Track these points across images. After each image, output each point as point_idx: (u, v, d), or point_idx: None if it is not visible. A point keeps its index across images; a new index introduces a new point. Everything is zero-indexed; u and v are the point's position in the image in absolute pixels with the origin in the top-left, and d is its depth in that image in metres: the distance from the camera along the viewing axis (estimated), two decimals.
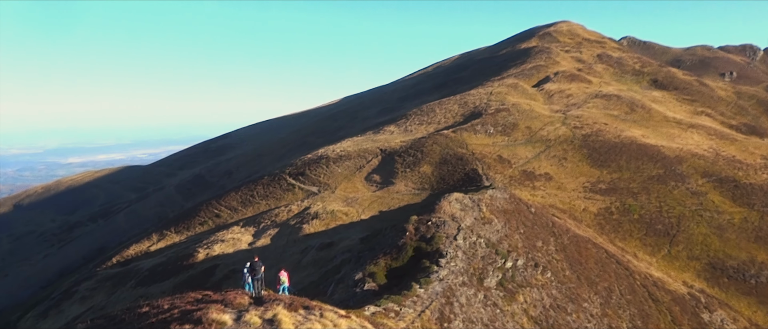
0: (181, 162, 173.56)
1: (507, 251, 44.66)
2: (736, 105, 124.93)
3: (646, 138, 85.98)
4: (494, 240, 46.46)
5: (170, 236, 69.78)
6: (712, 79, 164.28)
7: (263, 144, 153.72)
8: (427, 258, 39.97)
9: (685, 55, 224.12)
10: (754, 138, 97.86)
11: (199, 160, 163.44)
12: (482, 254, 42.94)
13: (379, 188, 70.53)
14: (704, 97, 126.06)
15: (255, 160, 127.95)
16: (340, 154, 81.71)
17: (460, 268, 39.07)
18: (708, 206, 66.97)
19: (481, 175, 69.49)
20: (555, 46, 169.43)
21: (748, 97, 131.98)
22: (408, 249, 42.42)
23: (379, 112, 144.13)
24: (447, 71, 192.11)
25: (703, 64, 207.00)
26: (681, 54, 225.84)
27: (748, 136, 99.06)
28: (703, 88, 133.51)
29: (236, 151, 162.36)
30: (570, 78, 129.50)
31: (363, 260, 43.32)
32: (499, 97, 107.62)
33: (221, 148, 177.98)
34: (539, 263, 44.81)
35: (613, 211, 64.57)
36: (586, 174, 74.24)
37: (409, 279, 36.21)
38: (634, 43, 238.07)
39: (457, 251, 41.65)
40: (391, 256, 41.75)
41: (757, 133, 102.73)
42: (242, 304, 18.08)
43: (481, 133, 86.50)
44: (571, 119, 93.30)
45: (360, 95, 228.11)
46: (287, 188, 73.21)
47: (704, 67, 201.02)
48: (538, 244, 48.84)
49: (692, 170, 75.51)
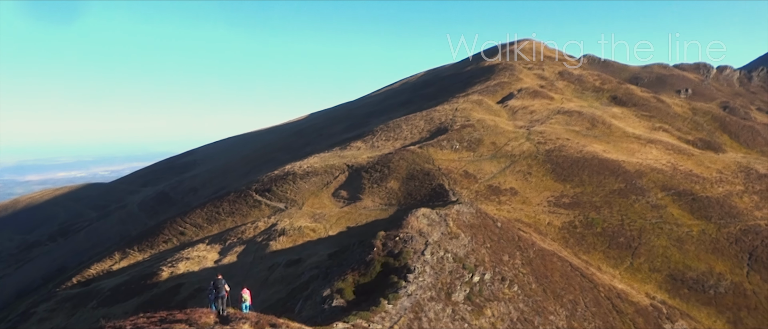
0: (144, 179, 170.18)
1: (474, 265, 44.98)
2: (691, 121, 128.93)
3: (607, 153, 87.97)
4: (461, 255, 46.75)
5: (133, 254, 68.17)
6: (669, 95, 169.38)
7: (229, 160, 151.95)
8: (395, 274, 39.96)
9: (643, 72, 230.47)
10: (709, 152, 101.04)
11: (164, 177, 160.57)
12: (450, 269, 43.14)
13: (346, 204, 70.41)
14: (662, 113, 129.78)
15: (221, 176, 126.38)
16: (307, 170, 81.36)
17: (428, 283, 39.18)
18: (668, 219, 68.78)
19: (447, 190, 69.98)
20: (518, 63, 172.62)
21: (703, 113, 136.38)
22: (376, 264, 42.36)
23: (346, 128, 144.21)
24: (413, 88, 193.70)
25: (659, 81, 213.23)
26: (638, 71, 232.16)
27: (703, 150, 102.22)
28: (661, 104, 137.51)
29: (201, 167, 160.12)
30: (533, 94, 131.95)
31: (331, 276, 43.08)
32: (465, 113, 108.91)
33: (186, 164, 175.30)
34: (506, 277, 45.23)
35: (576, 225, 65.74)
36: (550, 188, 75.49)
37: (377, 294, 36.14)
38: (593, 60, 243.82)
39: (425, 266, 41.77)
40: (359, 272, 41.62)
41: (713, 148, 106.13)
42: (208, 323, 17.87)
43: (447, 149, 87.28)
44: (535, 135, 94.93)
45: (327, 111, 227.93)
46: (254, 205, 72.44)
47: (661, 84, 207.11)
48: (504, 258, 49.35)
49: (652, 184, 77.51)
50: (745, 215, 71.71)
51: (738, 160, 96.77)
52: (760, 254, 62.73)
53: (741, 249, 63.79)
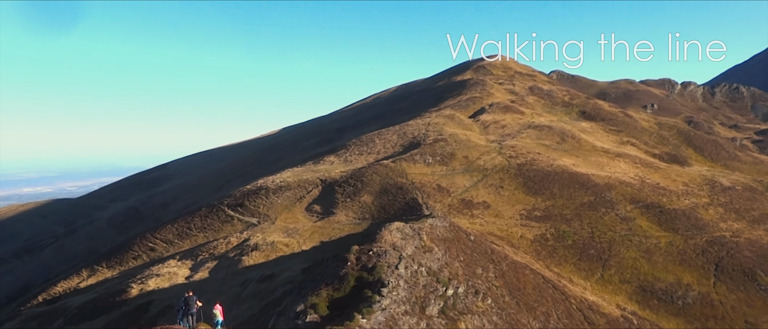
0: (113, 194, 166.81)
1: (448, 279, 45.11)
2: (658, 135, 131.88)
3: (577, 166, 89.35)
4: (435, 269, 46.87)
5: (101, 271, 66.66)
6: (636, 110, 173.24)
7: (201, 175, 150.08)
8: (369, 288, 39.91)
9: (610, 88, 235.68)
10: (675, 166, 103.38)
11: (133, 192, 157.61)
12: (424, 282, 43.20)
13: (319, 218, 70.10)
14: (629, 127, 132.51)
15: (192, 191, 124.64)
16: (279, 184, 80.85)
17: (402, 297, 39.19)
18: (636, 231, 70.03)
19: (421, 204, 70.24)
20: (489, 78, 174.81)
21: (668, 128, 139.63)
22: (350, 279, 42.23)
23: (318, 142, 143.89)
24: (386, 102, 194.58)
25: (626, 96, 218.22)
26: (606, 87, 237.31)
27: (670, 164, 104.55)
28: (628, 119, 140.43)
29: (172, 182, 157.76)
30: (504, 109, 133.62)
31: (305, 291, 42.78)
32: (437, 128, 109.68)
33: (156, 179, 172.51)
34: (479, 290, 45.45)
35: (548, 237, 66.48)
36: (522, 201, 76.31)
37: (351, 309, 36.04)
38: (562, 76, 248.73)
39: (399, 280, 41.76)
40: (333, 287, 41.44)
41: (678, 162, 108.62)
42: None
43: (420, 163, 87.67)
44: (507, 149, 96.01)
45: (299, 126, 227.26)
46: (226, 220, 71.62)
47: (628, 99, 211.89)
48: (477, 271, 49.59)
49: (621, 197, 78.91)
50: (711, 227, 73.42)
51: (703, 173, 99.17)
52: (725, 265, 64.21)
53: (707, 260, 65.24)
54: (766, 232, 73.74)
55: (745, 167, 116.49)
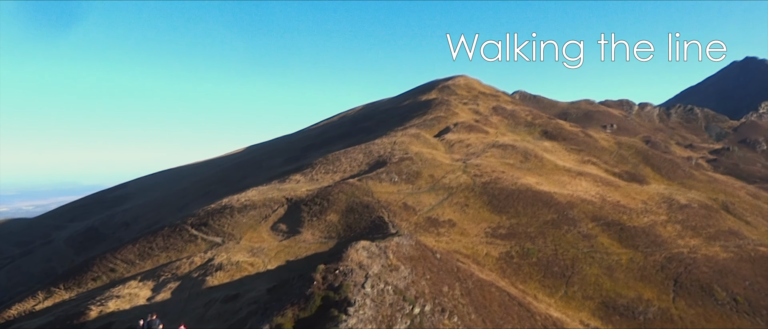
0: (72, 213, 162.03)
1: (414, 297, 45.20)
2: (617, 154, 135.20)
3: (540, 185, 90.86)
4: (402, 287, 46.92)
5: (59, 293, 64.48)
6: (596, 130, 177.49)
7: (164, 194, 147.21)
8: (335, 308, 39.75)
9: (571, 108, 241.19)
10: (634, 184, 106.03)
11: (93, 211, 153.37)
12: (390, 301, 43.19)
13: (285, 237, 69.49)
14: (589, 147, 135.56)
15: (155, 210, 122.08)
16: (245, 203, 79.94)
17: (369, 316, 39.11)
18: (598, 248, 71.45)
19: (387, 223, 70.33)
20: (454, 98, 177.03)
21: (627, 147, 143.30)
22: (316, 298, 42.00)
23: (284, 161, 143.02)
24: (352, 121, 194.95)
25: (587, 116, 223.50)
26: (567, 107, 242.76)
27: (629, 182, 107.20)
28: (589, 138, 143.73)
29: (134, 201, 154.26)
30: (469, 128, 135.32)
31: (270, 311, 42.34)
32: (403, 147, 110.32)
33: (118, 198, 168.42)
34: (446, 308, 45.63)
35: (513, 255, 67.25)
36: (487, 219, 77.12)
37: None
38: (525, 96, 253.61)
39: (366, 299, 41.70)
40: (299, 306, 41.14)
41: (637, 180, 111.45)
42: None
43: (386, 182, 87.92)
44: (471, 167, 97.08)
45: (265, 144, 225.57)
46: (189, 239, 70.31)
47: (588, 119, 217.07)
48: (444, 289, 49.82)
49: (582, 215, 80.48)
50: (669, 243, 75.43)
51: (661, 191, 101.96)
52: (684, 281, 65.96)
53: (666, 276, 66.92)
54: (721, 248, 76.11)
55: (700, 185, 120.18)
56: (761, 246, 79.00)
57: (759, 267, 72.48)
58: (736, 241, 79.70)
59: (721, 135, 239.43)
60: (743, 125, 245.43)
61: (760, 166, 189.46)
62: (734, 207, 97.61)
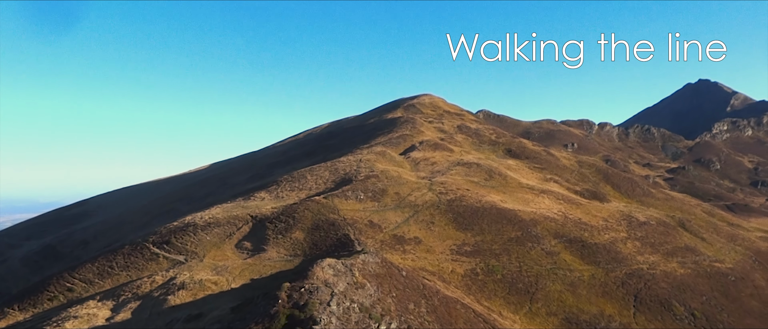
0: (28, 231, 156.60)
1: (380, 315, 45.13)
2: (578, 172, 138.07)
3: (504, 202, 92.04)
4: (368, 305, 46.81)
5: (13, 314, 62.07)
6: (557, 149, 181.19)
7: (125, 211, 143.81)
8: (300, 326, 39.45)
9: (534, 127, 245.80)
10: (595, 202, 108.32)
11: (50, 230, 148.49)
12: (356, 319, 43.04)
13: (250, 255, 68.64)
14: (551, 165, 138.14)
15: (115, 228, 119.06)
16: (208, 221, 78.74)
17: None
18: (561, 265, 72.60)
19: (353, 240, 70.19)
20: (419, 116, 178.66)
21: (588, 166, 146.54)
22: (281, 317, 41.58)
23: (249, 178, 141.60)
24: (317, 138, 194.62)
25: (548, 136, 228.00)
26: (530, 126, 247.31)
27: (590, 200, 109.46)
28: (550, 157, 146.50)
29: (93, 219, 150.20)
30: (434, 147, 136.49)
31: None
32: (369, 164, 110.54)
33: (76, 215, 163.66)
34: (412, 325, 45.66)
35: (478, 272, 67.79)
36: (453, 237, 77.65)
37: None
38: (489, 116, 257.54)
39: (331, 317, 41.49)
40: (263, 325, 40.66)
41: (598, 198, 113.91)
42: None
43: (352, 199, 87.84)
44: (437, 185, 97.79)
45: (230, 161, 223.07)
46: (151, 257, 68.75)
47: (550, 138, 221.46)
48: (410, 307, 49.87)
49: (546, 232, 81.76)
50: (629, 260, 77.14)
51: (620, 208, 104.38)
52: (643, 296, 67.49)
53: (627, 291, 68.36)
54: (679, 265, 78.20)
55: (658, 203, 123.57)
56: (716, 262, 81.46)
57: (715, 282, 74.71)
58: (693, 257, 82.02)
59: (677, 154, 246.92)
60: (698, 145, 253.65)
61: (714, 185, 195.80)
62: (690, 225, 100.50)
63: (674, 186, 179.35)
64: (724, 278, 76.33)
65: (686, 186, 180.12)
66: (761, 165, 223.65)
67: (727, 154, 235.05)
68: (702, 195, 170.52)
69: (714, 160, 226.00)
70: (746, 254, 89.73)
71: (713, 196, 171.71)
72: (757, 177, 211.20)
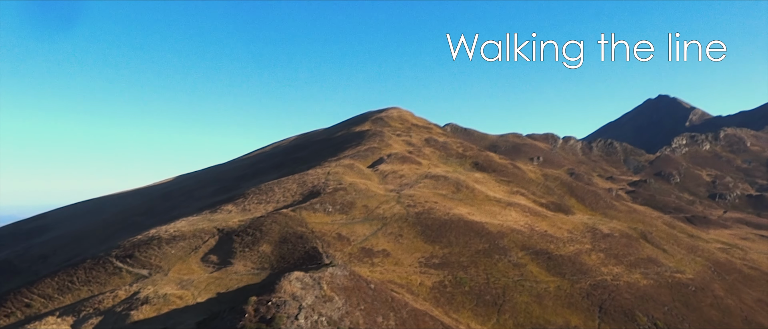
0: None
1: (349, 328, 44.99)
2: (544, 185, 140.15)
3: (471, 215, 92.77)
4: (336, 318, 46.61)
5: None
6: (523, 162, 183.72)
7: (86, 225, 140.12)
8: None
9: (500, 141, 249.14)
10: (560, 214, 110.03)
11: (7, 244, 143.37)
12: None
13: (216, 269, 67.60)
14: (518, 178, 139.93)
15: (76, 242, 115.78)
16: (173, 234, 77.32)
17: None
18: (528, 276, 73.41)
19: (321, 253, 69.78)
20: (387, 130, 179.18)
21: (553, 179, 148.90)
22: None
23: (215, 191, 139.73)
24: (285, 151, 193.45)
25: (515, 149, 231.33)
26: (496, 140, 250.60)
27: (555, 212, 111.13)
28: (517, 170, 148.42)
29: (53, 232, 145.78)
30: (402, 160, 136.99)
31: None
32: (337, 177, 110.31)
33: (34, 229, 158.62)
34: None
35: (446, 284, 68.05)
36: (421, 249, 77.86)
37: None
38: (456, 129, 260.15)
39: None
40: None
41: (563, 210, 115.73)
42: None
43: (320, 212, 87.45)
44: (405, 198, 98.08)
45: (196, 174, 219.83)
46: (113, 272, 67.06)
47: (516, 152, 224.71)
48: (378, 320, 49.79)
49: (513, 244, 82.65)
50: (594, 271, 78.46)
51: (585, 221, 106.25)
52: (608, 307, 68.66)
53: (592, 302, 69.45)
54: (642, 275, 79.85)
55: (621, 215, 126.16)
56: (677, 273, 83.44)
57: (676, 292, 76.51)
58: (655, 268, 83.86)
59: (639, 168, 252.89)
60: (658, 159, 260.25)
61: (674, 197, 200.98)
62: (652, 236, 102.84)
63: (636, 198, 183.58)
64: (685, 288, 78.22)
65: (648, 199, 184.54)
66: (718, 178, 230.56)
67: (687, 168, 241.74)
68: (663, 207, 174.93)
69: (674, 174, 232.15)
70: (706, 265, 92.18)
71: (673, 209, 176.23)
72: (715, 190, 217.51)
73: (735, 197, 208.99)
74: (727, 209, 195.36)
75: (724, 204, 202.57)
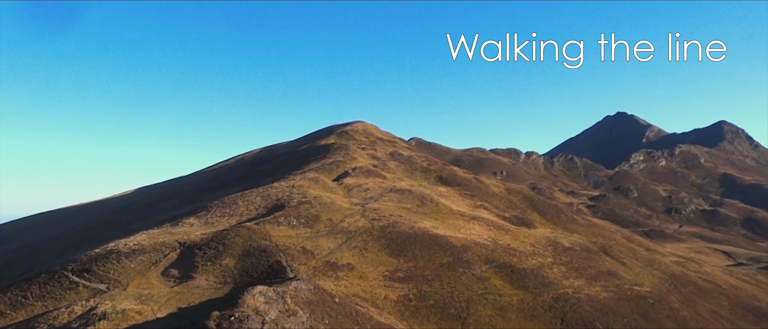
0: None
1: None
2: (507, 199, 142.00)
3: (436, 229, 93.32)
4: None
5: None
6: (487, 176, 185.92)
7: (41, 238, 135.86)
8: None
9: (464, 155, 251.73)
10: (523, 228, 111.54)
11: None
12: None
13: (177, 283, 66.29)
14: (481, 192, 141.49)
15: (30, 255, 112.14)
16: (133, 247, 75.57)
17: None
18: (491, 290, 74.10)
19: (285, 267, 69.16)
20: (352, 143, 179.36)
21: (516, 193, 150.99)
22: None
23: (177, 203, 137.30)
24: (249, 164, 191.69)
25: (479, 163, 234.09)
26: (460, 154, 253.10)
27: (518, 226, 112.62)
28: (480, 184, 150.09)
29: (7, 245, 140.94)
30: (367, 173, 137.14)
31: None
32: (302, 190, 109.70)
33: None
34: None
35: (411, 298, 68.17)
36: (386, 263, 77.87)
37: None
38: (421, 143, 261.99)
39: None
40: None
41: (525, 224, 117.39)
42: None
43: (284, 225, 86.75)
44: (370, 211, 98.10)
45: (157, 186, 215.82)
46: (69, 286, 65.05)
47: (480, 166, 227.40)
48: None
49: (476, 257, 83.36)
50: (556, 284, 79.68)
51: (547, 234, 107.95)
52: (569, 319, 69.74)
53: (554, 315, 70.46)
54: (602, 288, 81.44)
55: (581, 229, 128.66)
56: (636, 286, 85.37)
57: (635, 305, 78.22)
58: (615, 281, 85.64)
59: (599, 183, 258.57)
60: (617, 174, 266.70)
61: (633, 212, 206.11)
62: (612, 250, 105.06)
63: (596, 213, 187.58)
64: (643, 301, 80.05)
65: (607, 213, 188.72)
66: (674, 193, 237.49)
67: (644, 183, 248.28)
68: (621, 221, 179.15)
69: (632, 189, 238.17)
70: (663, 278, 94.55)
71: (632, 223, 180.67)
72: (671, 204, 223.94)
73: (690, 212, 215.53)
74: (682, 223, 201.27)
75: (680, 219, 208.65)
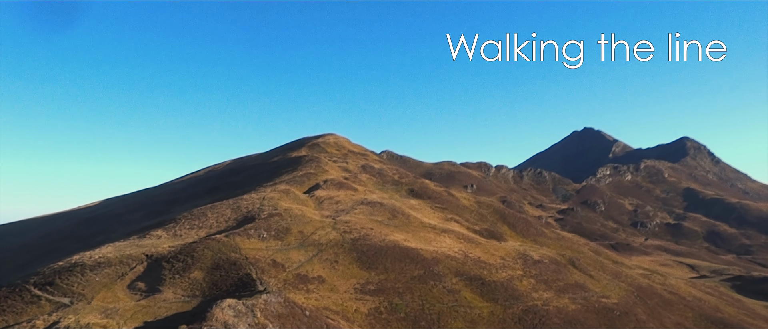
0: None
1: None
2: (477, 213, 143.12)
3: (407, 241, 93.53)
4: None
5: None
6: (458, 190, 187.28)
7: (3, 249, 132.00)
8: None
9: (435, 169, 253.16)
10: (493, 241, 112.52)
11: None
12: None
13: (144, 297, 65.01)
14: (452, 205, 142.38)
15: None
16: (98, 260, 73.91)
17: None
18: (462, 302, 74.45)
19: (255, 280, 68.44)
20: (324, 155, 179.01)
21: (486, 206, 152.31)
22: None
23: (145, 215, 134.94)
24: (219, 175, 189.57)
25: (449, 177, 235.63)
26: (431, 168, 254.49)
27: (488, 239, 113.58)
28: (451, 197, 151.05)
29: None
30: (338, 186, 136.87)
31: None
32: (272, 202, 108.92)
33: None
34: None
35: (382, 311, 68.07)
36: (357, 275, 77.70)
37: None
38: (392, 156, 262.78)
39: None
40: None
41: (496, 237, 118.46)
42: None
43: (254, 238, 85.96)
44: (341, 224, 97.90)
45: (124, 197, 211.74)
46: (31, 300, 63.24)
47: (451, 179, 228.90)
48: None
49: (447, 270, 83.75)
50: (525, 297, 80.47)
51: (516, 247, 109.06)
52: None
53: (524, 327, 71.09)
54: (570, 300, 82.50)
55: (550, 242, 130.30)
56: (603, 298, 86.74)
57: (602, 317, 79.43)
58: (583, 294, 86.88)
59: (567, 196, 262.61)
60: (585, 188, 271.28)
61: (600, 225, 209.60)
62: (580, 263, 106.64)
63: (564, 226, 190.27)
64: (611, 313, 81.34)
65: (575, 227, 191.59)
66: (640, 207, 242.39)
67: (611, 197, 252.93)
68: (589, 234, 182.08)
69: (599, 203, 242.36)
70: (629, 290, 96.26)
71: (599, 236, 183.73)
72: (637, 218, 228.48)
73: (655, 225, 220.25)
74: (647, 236, 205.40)
75: (645, 232, 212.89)
